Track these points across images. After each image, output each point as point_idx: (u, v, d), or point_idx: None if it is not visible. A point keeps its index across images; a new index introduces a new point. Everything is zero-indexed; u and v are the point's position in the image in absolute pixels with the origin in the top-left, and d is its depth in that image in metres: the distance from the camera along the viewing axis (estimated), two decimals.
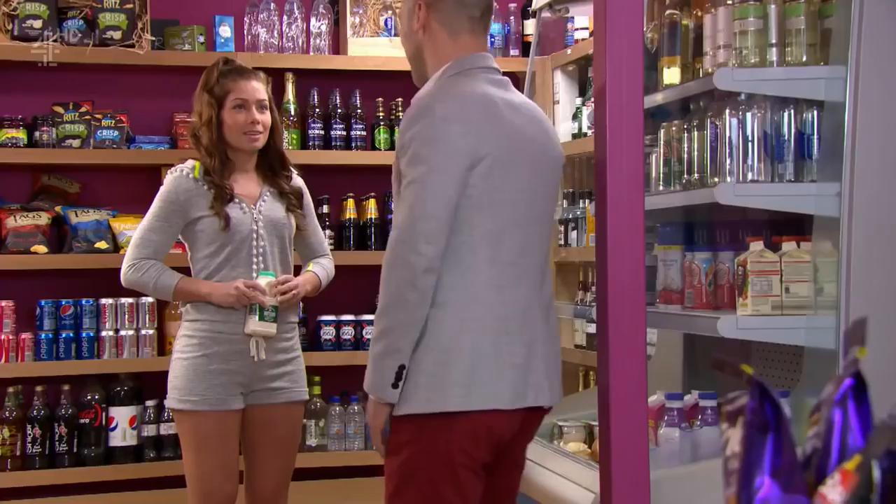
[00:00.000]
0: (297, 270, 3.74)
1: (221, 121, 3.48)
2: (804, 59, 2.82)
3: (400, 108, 4.84)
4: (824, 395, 0.92)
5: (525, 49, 4.91)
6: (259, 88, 3.54)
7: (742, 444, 0.90)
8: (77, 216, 4.55)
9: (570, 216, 4.42)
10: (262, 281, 3.44)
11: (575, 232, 4.44)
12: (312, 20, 4.79)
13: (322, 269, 3.69)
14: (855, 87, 2.70)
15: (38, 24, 4.44)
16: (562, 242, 4.50)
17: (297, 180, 3.66)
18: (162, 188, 3.52)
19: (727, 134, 2.87)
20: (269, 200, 3.53)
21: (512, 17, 4.99)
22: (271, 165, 3.58)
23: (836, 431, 0.89)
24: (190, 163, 3.51)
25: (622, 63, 2.57)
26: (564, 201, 4.48)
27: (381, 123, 4.83)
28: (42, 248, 4.45)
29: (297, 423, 3.64)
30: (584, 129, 4.37)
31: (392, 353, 2.46)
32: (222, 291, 3.40)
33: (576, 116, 4.51)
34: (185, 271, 3.54)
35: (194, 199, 3.44)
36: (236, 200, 3.46)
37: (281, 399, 3.50)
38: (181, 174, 3.48)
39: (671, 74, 3.15)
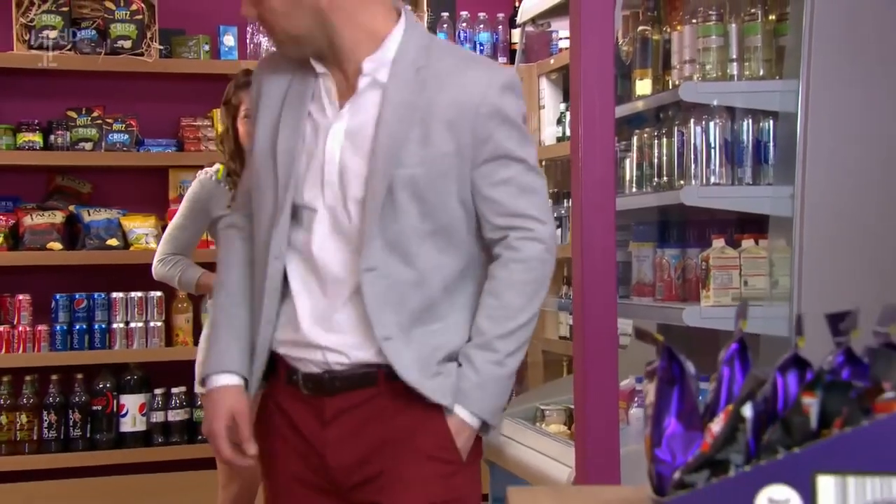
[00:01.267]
0: None
1: (236, 130, 3.70)
2: (761, 73, 3.07)
3: None
4: (719, 358, 1.20)
5: (513, 56, 5.16)
6: None
7: (655, 395, 1.17)
8: (89, 215, 4.76)
9: (555, 215, 4.66)
10: None
11: (560, 230, 4.67)
12: None
13: None
14: (806, 99, 2.95)
15: (53, 34, 4.67)
16: None
17: None
18: (188, 190, 3.76)
19: (692, 141, 3.13)
20: None
21: (500, 27, 5.24)
22: None
23: (725, 383, 1.16)
24: (216, 166, 3.74)
25: (594, 79, 2.82)
26: (550, 200, 4.72)
27: None
28: (57, 245, 4.66)
29: None
30: (568, 133, 4.61)
31: (516, 369, 2.14)
32: None
33: (560, 121, 4.75)
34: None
35: (216, 199, 3.66)
36: None
37: None
38: (206, 176, 3.71)
39: (643, 86, 3.41)
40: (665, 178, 3.29)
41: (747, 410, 1.08)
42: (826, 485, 1.00)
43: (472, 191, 2.08)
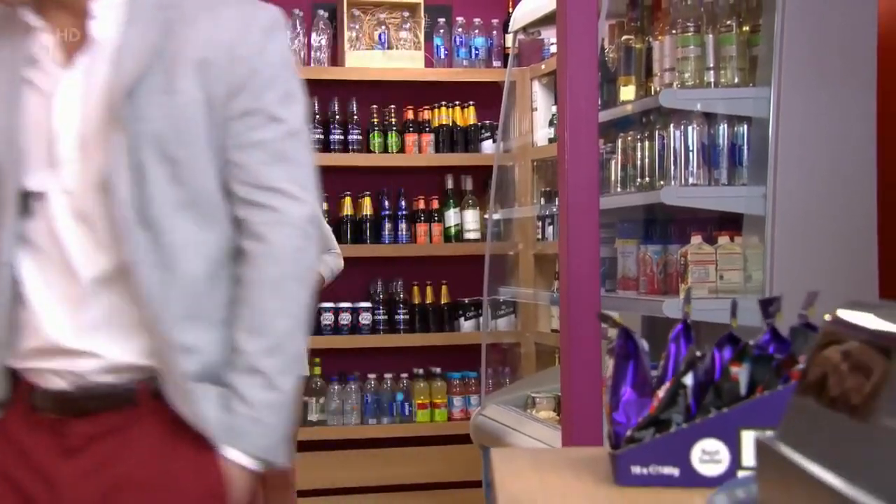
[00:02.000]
0: None
1: None
2: (736, 81, 3.27)
3: (392, 115, 5.27)
4: (668, 336, 1.41)
5: (507, 60, 5.36)
6: None
7: (613, 369, 1.39)
8: None
9: (547, 213, 4.85)
10: None
11: (551, 227, 4.86)
12: (313, 35, 5.22)
13: (325, 266, 4.06)
14: (777, 105, 3.16)
15: None
16: (539, 237, 4.95)
17: None
18: None
19: (672, 144, 3.34)
20: None
21: (495, 32, 5.44)
22: None
23: (672, 358, 1.37)
24: None
25: (580, 87, 3.03)
26: (542, 199, 4.92)
27: (376, 129, 5.23)
28: None
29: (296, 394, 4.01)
30: None
31: (292, 392, 1.75)
32: None
33: (552, 122, 4.96)
34: None
35: None
36: None
37: None
38: None
39: (627, 92, 3.62)
40: (647, 179, 3.49)
41: (688, 379, 1.29)
42: (748, 438, 1.22)
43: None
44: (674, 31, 3.35)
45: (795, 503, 0.78)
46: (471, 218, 5.36)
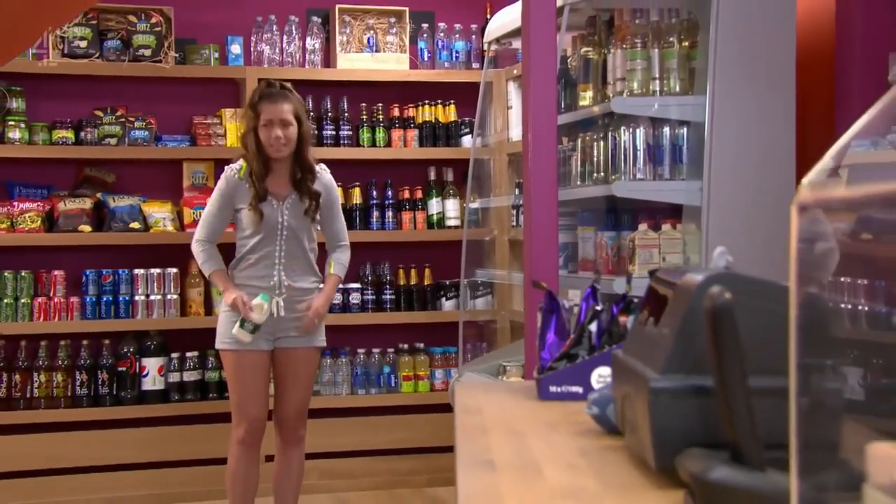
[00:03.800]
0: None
1: (258, 135, 4.25)
2: (677, 89, 3.77)
3: (380, 112, 5.72)
4: (582, 296, 1.92)
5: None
6: (284, 109, 4.24)
7: (541, 320, 1.90)
8: (115, 201, 5.34)
9: (521, 202, 5.25)
10: (255, 301, 4.19)
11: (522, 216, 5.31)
12: (307, 39, 5.66)
13: (339, 266, 4.48)
14: (712, 111, 3.66)
15: (83, 44, 5.31)
16: (514, 224, 5.40)
17: (324, 176, 4.39)
18: (218, 182, 4.36)
19: (622, 144, 3.84)
20: (293, 201, 4.30)
21: (474, 36, 5.90)
22: (300, 170, 4.32)
23: (583, 311, 1.88)
24: (239, 163, 4.31)
25: (541, 97, 3.51)
26: (516, 189, 5.37)
27: (365, 125, 5.68)
28: (87, 228, 5.24)
29: (313, 363, 4.46)
30: None
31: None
32: (227, 294, 4.24)
33: None
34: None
35: (239, 193, 4.27)
36: (269, 199, 4.28)
37: (300, 344, 4.34)
38: (231, 173, 4.30)
39: (585, 97, 4.11)
40: (602, 174, 3.99)
41: (592, 326, 1.80)
42: None
43: None
44: (624, 46, 3.84)
45: (623, 385, 1.29)
46: (452, 206, 5.80)
